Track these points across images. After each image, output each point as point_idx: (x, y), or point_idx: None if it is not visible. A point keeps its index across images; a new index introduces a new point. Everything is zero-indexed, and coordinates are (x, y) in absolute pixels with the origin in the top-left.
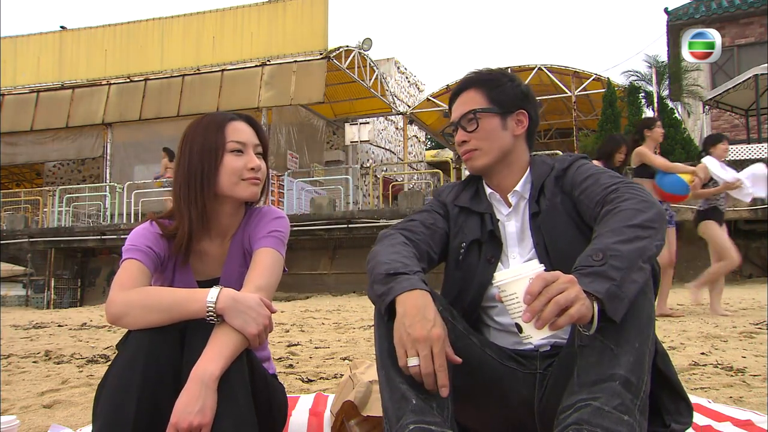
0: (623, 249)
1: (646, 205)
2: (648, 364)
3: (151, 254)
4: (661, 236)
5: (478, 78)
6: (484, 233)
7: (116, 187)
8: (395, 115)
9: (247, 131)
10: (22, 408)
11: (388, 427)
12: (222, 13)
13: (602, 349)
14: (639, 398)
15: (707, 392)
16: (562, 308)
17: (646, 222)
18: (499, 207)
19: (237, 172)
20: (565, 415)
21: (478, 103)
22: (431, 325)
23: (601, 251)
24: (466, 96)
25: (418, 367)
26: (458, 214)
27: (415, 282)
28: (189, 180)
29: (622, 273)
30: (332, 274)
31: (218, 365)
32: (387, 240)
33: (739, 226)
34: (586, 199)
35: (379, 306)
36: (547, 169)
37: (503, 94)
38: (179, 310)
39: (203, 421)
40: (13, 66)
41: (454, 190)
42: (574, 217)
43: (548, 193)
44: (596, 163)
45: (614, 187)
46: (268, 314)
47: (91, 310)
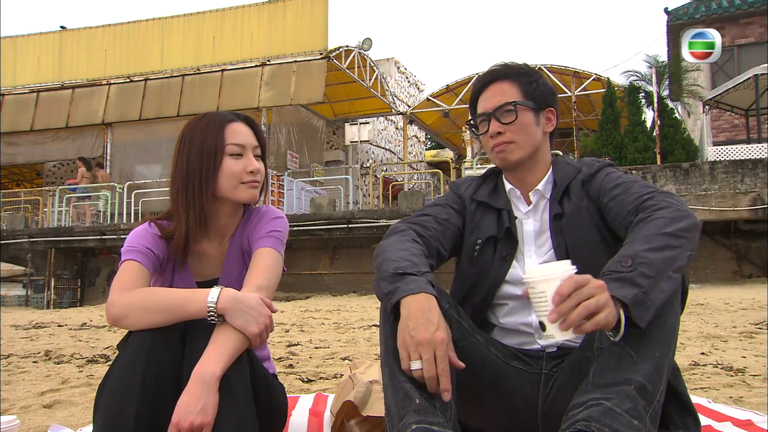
0: (653, 257)
1: (681, 214)
2: (666, 374)
3: (150, 255)
4: (694, 246)
5: (513, 70)
6: (501, 230)
7: (116, 187)
8: (395, 115)
9: (246, 133)
10: (22, 408)
11: (391, 425)
12: (222, 13)
13: (622, 354)
14: (652, 406)
15: (707, 392)
16: (590, 313)
17: (679, 231)
18: (518, 204)
19: (236, 176)
20: (575, 411)
21: (514, 96)
22: (435, 328)
23: (630, 257)
24: (500, 87)
25: (421, 371)
26: (475, 210)
27: (422, 284)
28: (188, 182)
29: (651, 281)
30: (332, 274)
31: (219, 365)
32: (397, 235)
33: (739, 226)
34: (616, 207)
35: (384, 304)
36: (572, 171)
37: (537, 90)
38: (180, 311)
39: (205, 420)
40: (13, 66)
41: (473, 184)
42: (598, 223)
43: (574, 197)
44: None
45: (649, 195)
46: (269, 314)
47: (91, 310)
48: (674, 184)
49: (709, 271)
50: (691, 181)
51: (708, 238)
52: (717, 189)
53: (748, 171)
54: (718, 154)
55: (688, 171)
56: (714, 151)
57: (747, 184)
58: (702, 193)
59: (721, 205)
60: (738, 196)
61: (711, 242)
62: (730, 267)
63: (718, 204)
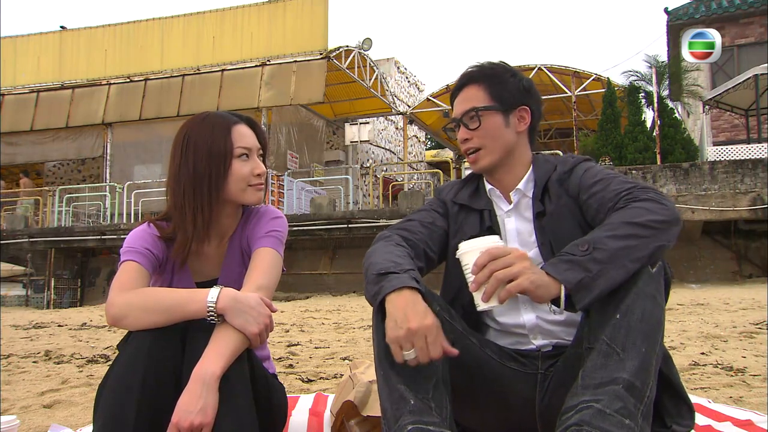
0: (611, 244)
1: (658, 207)
2: (654, 369)
3: (150, 256)
4: (667, 238)
5: (479, 73)
6: (483, 230)
7: (116, 187)
8: (395, 115)
9: (251, 135)
10: (22, 408)
11: (387, 427)
12: (222, 13)
13: (608, 353)
14: (643, 403)
15: (707, 392)
16: (503, 282)
17: (650, 222)
18: (500, 203)
19: (245, 179)
20: (567, 416)
21: (480, 100)
22: (422, 316)
23: (588, 243)
24: (468, 92)
25: (416, 359)
26: (458, 212)
27: (405, 279)
28: (195, 185)
29: (601, 266)
30: (332, 274)
31: (219, 365)
32: (382, 242)
33: (739, 226)
34: (596, 203)
35: (373, 305)
36: (549, 169)
37: (505, 90)
38: (180, 311)
39: (204, 420)
40: (13, 66)
41: (454, 188)
42: (580, 220)
43: (553, 195)
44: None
45: (627, 191)
46: (269, 313)
47: (91, 310)
48: (674, 184)
49: (709, 271)
50: (691, 181)
51: (708, 238)
52: (717, 189)
53: (748, 171)
54: (718, 154)
55: (688, 171)
56: (714, 151)
57: (747, 184)
58: (702, 193)
59: (721, 205)
60: (738, 196)
61: (711, 242)
62: (730, 267)
63: (718, 204)
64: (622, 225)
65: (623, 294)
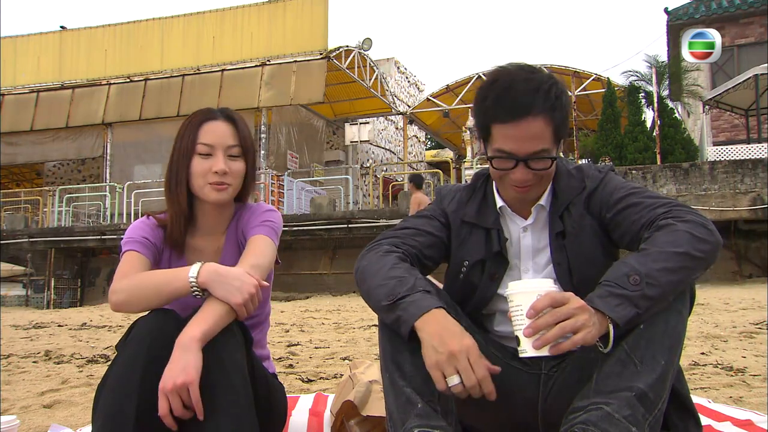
0: (663, 279)
1: (705, 232)
2: (670, 382)
3: (148, 244)
4: (707, 265)
5: (542, 97)
6: (489, 253)
7: (116, 187)
8: (395, 115)
9: (221, 132)
10: (22, 408)
11: (393, 431)
12: (222, 13)
13: (626, 362)
14: (652, 414)
15: (707, 392)
16: (566, 333)
17: (699, 251)
18: (514, 218)
19: (203, 176)
20: (574, 415)
21: (548, 139)
22: (460, 337)
23: (639, 275)
24: (532, 126)
25: (460, 385)
26: (461, 226)
27: (425, 301)
28: (170, 179)
29: (650, 303)
30: (332, 274)
31: (199, 329)
32: (372, 254)
33: (739, 226)
34: (626, 221)
35: (396, 330)
36: (575, 185)
37: (563, 124)
38: (167, 290)
39: (187, 379)
40: (13, 66)
41: (455, 199)
42: (601, 238)
43: (575, 213)
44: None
45: (666, 209)
46: (254, 283)
47: (91, 310)
48: (674, 184)
49: (709, 271)
50: (691, 181)
51: None
52: (717, 189)
53: (748, 171)
54: (718, 154)
55: (688, 171)
56: (714, 151)
57: (747, 184)
58: (702, 193)
59: (721, 205)
60: (738, 196)
61: None
62: (730, 267)
63: (718, 204)
64: (674, 256)
65: None
